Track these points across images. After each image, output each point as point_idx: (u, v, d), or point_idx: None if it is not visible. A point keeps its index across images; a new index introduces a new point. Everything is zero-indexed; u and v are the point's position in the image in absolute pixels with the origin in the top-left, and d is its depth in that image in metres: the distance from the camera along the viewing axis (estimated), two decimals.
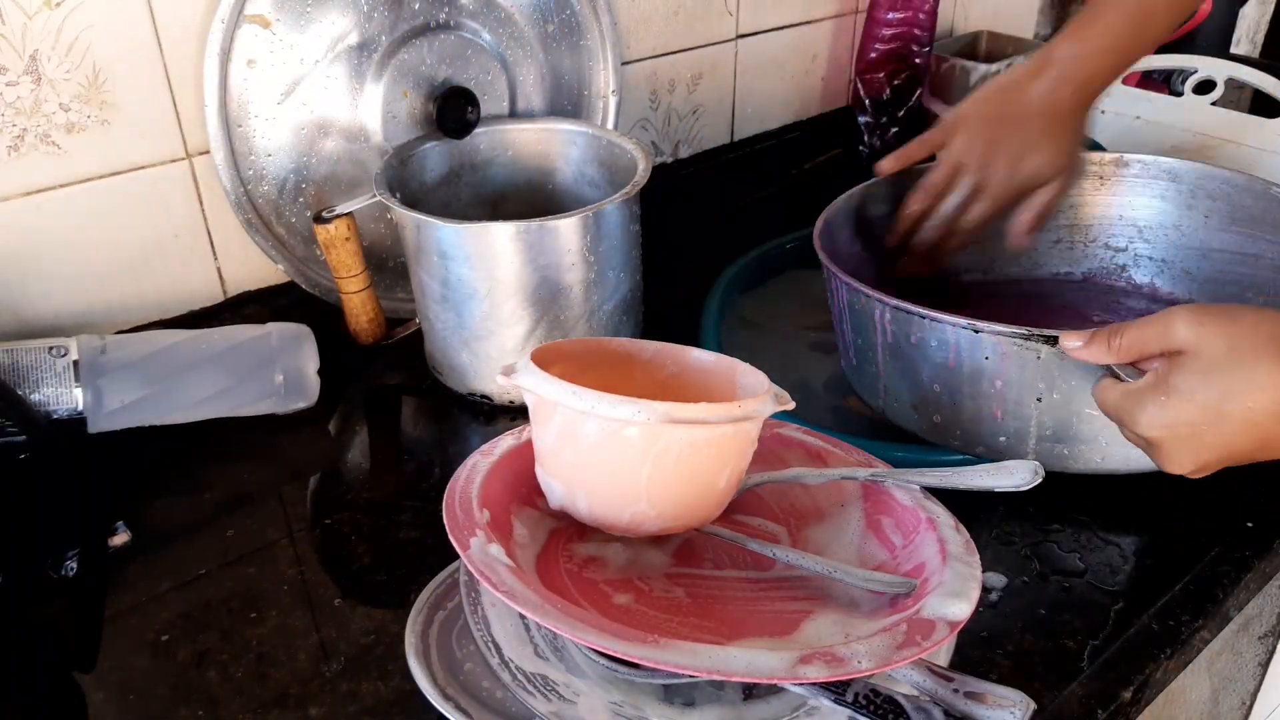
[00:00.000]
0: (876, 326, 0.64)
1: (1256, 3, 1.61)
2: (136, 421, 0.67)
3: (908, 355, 0.62)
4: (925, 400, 0.63)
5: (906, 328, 0.61)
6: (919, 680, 0.44)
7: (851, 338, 0.68)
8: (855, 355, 0.68)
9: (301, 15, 0.74)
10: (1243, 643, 0.80)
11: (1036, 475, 0.51)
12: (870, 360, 0.66)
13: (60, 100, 0.68)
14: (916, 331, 0.61)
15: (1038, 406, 0.58)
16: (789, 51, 1.11)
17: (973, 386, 0.60)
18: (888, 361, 0.64)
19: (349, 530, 0.63)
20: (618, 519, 0.51)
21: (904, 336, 0.62)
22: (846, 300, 0.66)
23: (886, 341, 0.63)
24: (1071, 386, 0.56)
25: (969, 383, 0.60)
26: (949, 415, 0.62)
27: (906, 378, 0.63)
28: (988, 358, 0.58)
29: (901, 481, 0.54)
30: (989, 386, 0.59)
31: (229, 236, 0.79)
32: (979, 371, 0.59)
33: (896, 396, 0.65)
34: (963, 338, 0.58)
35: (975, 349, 0.58)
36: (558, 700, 0.47)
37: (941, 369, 0.61)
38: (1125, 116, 1.00)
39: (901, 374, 0.64)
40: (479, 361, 0.73)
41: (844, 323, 0.68)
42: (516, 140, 0.84)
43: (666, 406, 0.47)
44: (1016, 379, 0.58)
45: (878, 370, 0.66)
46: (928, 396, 0.63)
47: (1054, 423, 0.58)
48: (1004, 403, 0.59)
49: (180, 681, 0.53)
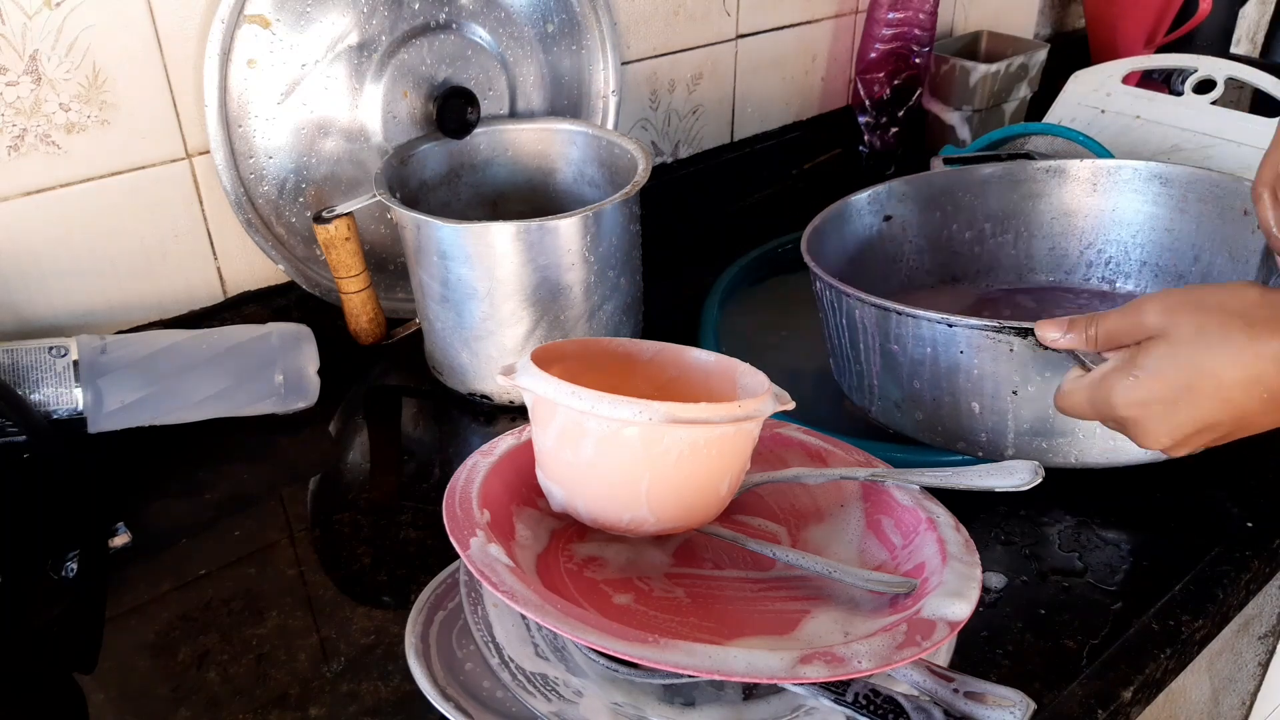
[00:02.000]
0: (859, 326, 0.64)
1: (1256, 3, 1.61)
2: (136, 421, 0.67)
3: (889, 353, 0.63)
4: (908, 398, 0.64)
5: (886, 325, 0.62)
6: (919, 680, 0.44)
7: (838, 340, 0.69)
8: (843, 357, 0.69)
9: (301, 15, 0.74)
10: (1243, 643, 0.80)
11: (1037, 475, 0.51)
12: (856, 360, 0.67)
13: (60, 100, 0.68)
14: (895, 329, 0.62)
15: (1014, 400, 0.59)
16: (789, 51, 1.11)
17: (950, 382, 0.61)
18: (872, 360, 0.65)
19: (349, 530, 0.63)
20: (618, 520, 0.51)
21: (884, 335, 0.63)
22: (830, 302, 0.67)
23: (869, 341, 0.64)
24: (1045, 379, 0.57)
25: (946, 378, 0.61)
26: (930, 412, 0.63)
27: (890, 375, 0.64)
28: (962, 352, 0.59)
29: (901, 481, 0.54)
30: (965, 381, 0.60)
31: (229, 237, 0.79)
32: (955, 366, 0.60)
33: (882, 395, 0.66)
34: (939, 333, 0.59)
35: (950, 344, 0.59)
36: (558, 700, 0.47)
37: (920, 365, 0.62)
38: (1125, 116, 1.00)
39: (885, 372, 0.65)
40: (479, 361, 0.73)
41: (830, 325, 0.69)
42: (516, 140, 0.84)
43: (667, 406, 0.47)
44: (991, 372, 0.59)
45: (863, 369, 0.67)
46: (910, 394, 0.63)
47: (1031, 416, 0.59)
48: (981, 397, 0.60)
49: (180, 682, 0.53)
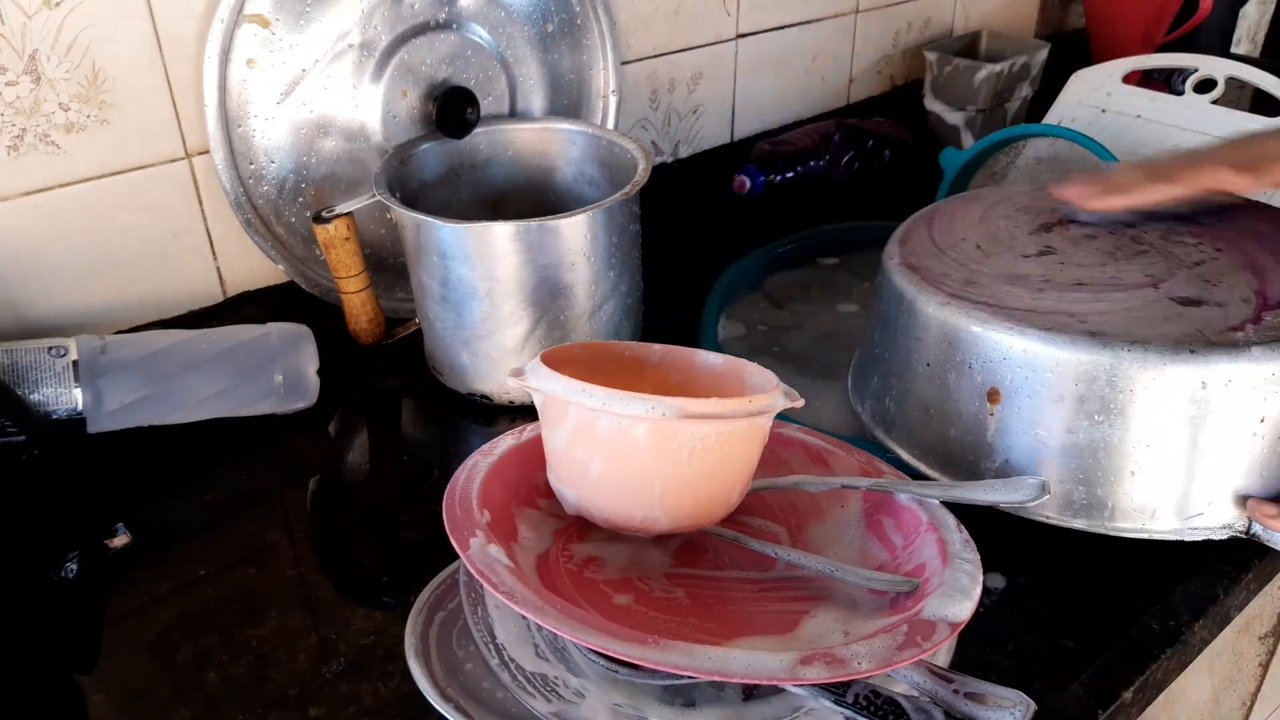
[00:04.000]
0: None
1: (1257, 3, 1.60)
2: (136, 421, 0.67)
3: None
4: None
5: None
6: (919, 681, 0.44)
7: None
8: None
9: (301, 15, 0.74)
10: (1243, 643, 0.80)
11: (1044, 491, 0.51)
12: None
13: (60, 100, 0.68)
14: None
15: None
16: (789, 51, 1.11)
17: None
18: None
19: (349, 531, 0.63)
20: (630, 519, 0.51)
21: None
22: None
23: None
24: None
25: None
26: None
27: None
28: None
29: (904, 491, 0.54)
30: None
31: (229, 237, 0.79)
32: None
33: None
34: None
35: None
36: (558, 701, 0.47)
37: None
38: (1126, 115, 1.00)
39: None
40: (479, 361, 0.73)
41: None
42: (516, 140, 0.84)
43: (680, 401, 0.47)
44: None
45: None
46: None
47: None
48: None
49: (180, 682, 0.53)
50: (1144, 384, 0.54)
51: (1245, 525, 0.57)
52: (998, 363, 0.57)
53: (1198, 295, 0.58)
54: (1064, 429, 0.56)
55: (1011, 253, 0.65)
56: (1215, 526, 0.57)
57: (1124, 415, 0.55)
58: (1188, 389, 0.54)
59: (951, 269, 0.64)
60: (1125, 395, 0.54)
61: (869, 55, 1.20)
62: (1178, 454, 0.55)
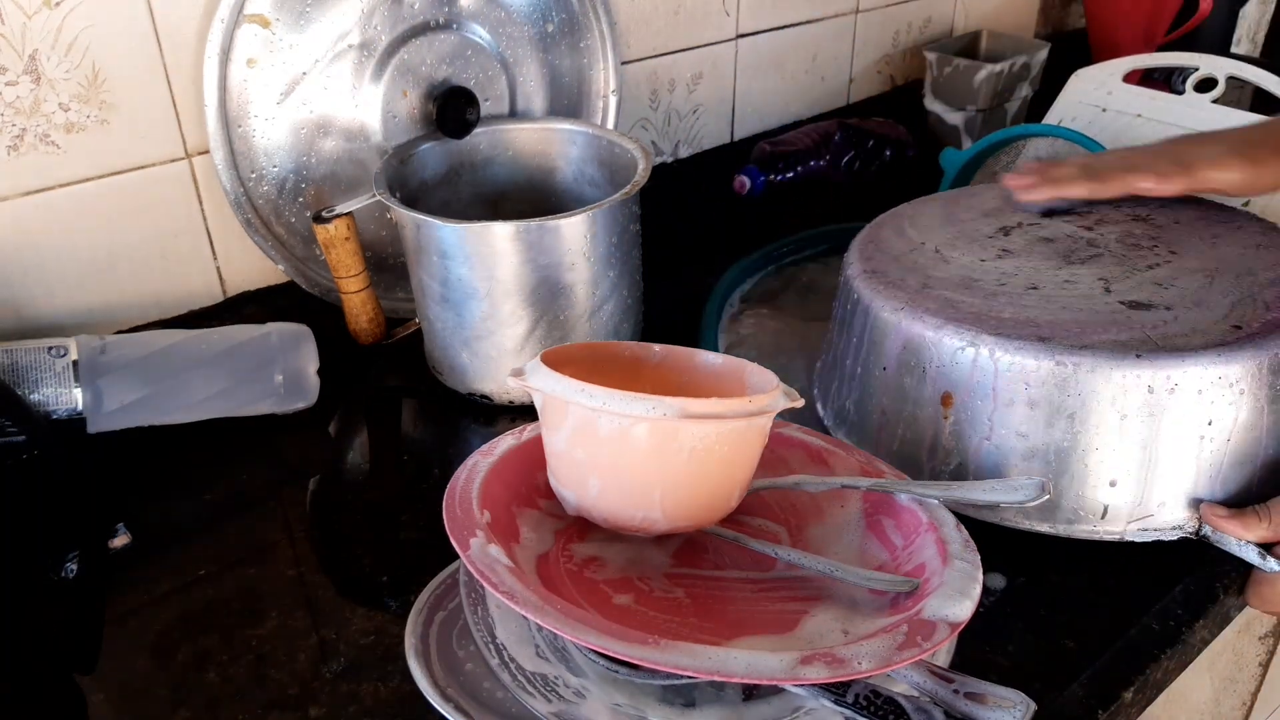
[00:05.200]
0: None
1: (1257, 2, 1.60)
2: (136, 421, 0.67)
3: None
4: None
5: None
6: (919, 681, 0.44)
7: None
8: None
9: (301, 15, 0.74)
10: (1243, 643, 0.80)
11: (1044, 491, 0.51)
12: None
13: (60, 100, 0.68)
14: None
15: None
16: (789, 52, 1.11)
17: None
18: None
19: (349, 531, 0.63)
20: (630, 519, 0.51)
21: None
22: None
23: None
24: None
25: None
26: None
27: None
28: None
29: (904, 491, 0.54)
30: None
31: (229, 237, 0.79)
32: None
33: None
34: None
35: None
36: (558, 701, 0.47)
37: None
38: (1126, 115, 1.00)
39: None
40: (479, 361, 0.73)
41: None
42: (516, 140, 0.84)
43: (681, 401, 0.47)
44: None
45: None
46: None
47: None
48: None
49: (180, 682, 0.53)
50: (1092, 388, 0.54)
51: (1195, 527, 0.57)
52: (950, 367, 0.58)
53: (1148, 299, 0.58)
54: (1015, 433, 0.57)
55: (970, 256, 0.65)
56: (1165, 528, 0.58)
57: (1073, 419, 0.55)
58: (1135, 393, 0.54)
59: (909, 274, 0.64)
60: (1074, 399, 0.55)
61: (869, 55, 1.20)
62: (1127, 457, 0.56)
